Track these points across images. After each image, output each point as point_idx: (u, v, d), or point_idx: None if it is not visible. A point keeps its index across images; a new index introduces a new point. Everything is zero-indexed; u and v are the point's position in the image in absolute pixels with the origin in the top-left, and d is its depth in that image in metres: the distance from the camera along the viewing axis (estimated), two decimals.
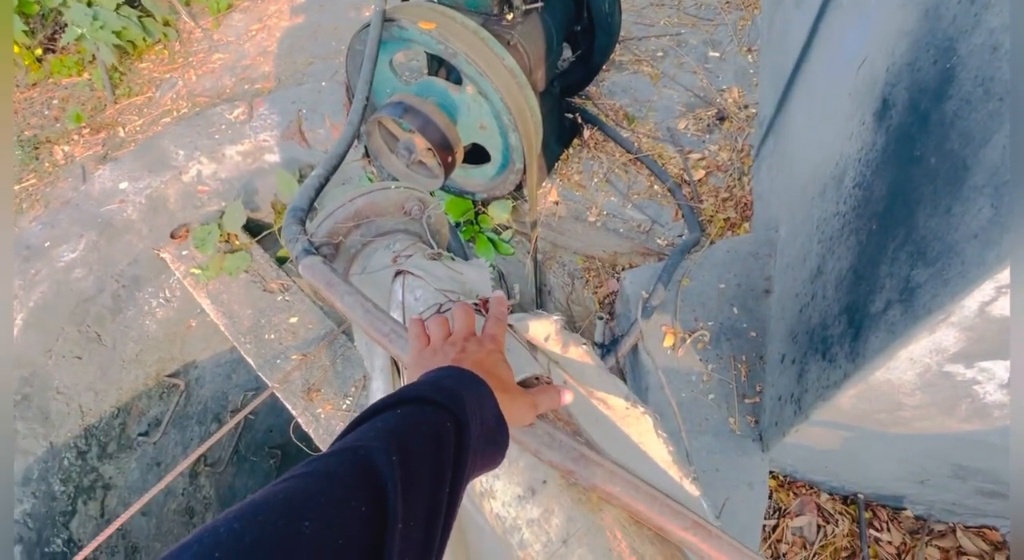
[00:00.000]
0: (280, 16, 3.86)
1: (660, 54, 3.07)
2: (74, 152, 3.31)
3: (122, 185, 2.47)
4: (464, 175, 2.45)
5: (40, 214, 2.68)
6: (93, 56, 3.61)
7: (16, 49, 3.63)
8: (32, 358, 2.16)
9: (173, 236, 2.53)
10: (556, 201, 2.58)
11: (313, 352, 2.18)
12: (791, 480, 1.63)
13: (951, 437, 1.16)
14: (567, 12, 2.30)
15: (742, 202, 2.39)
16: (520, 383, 0.87)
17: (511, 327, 1.02)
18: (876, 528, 1.57)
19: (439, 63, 2.36)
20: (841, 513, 1.58)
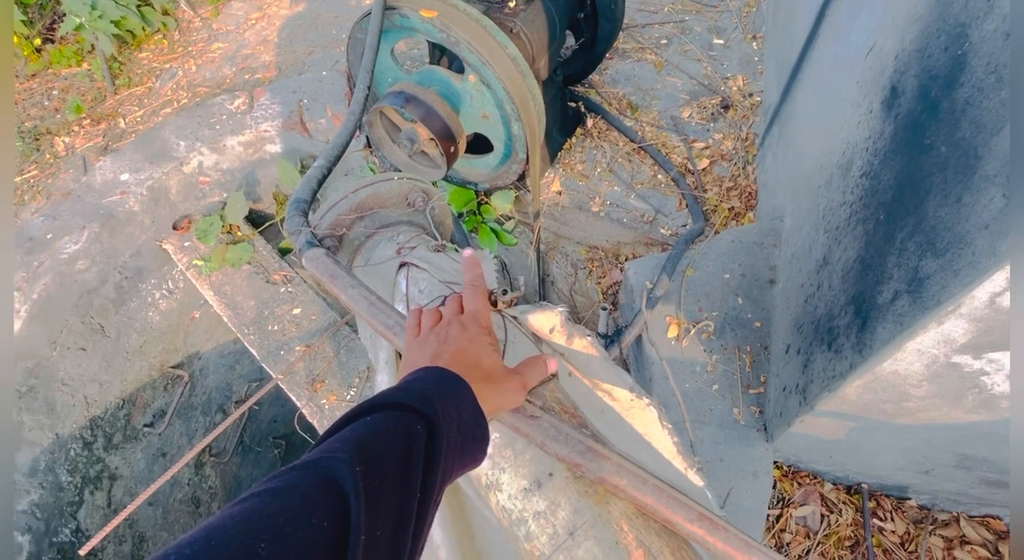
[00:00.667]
0: (280, 4, 3.82)
1: (664, 41, 3.03)
2: (75, 143, 3.30)
3: (123, 176, 2.46)
4: (466, 165, 2.44)
5: (42, 206, 2.68)
6: (92, 46, 3.58)
7: (15, 39, 3.60)
8: (37, 350, 2.17)
9: (175, 227, 2.53)
10: (559, 191, 2.56)
11: (316, 343, 2.18)
12: (795, 470, 1.64)
13: (957, 427, 1.16)
14: (570, 0, 2.27)
15: (747, 191, 2.37)
16: None
17: (516, 319, 1.02)
18: (880, 518, 1.57)
19: (441, 52, 2.33)
20: (845, 503, 1.59)
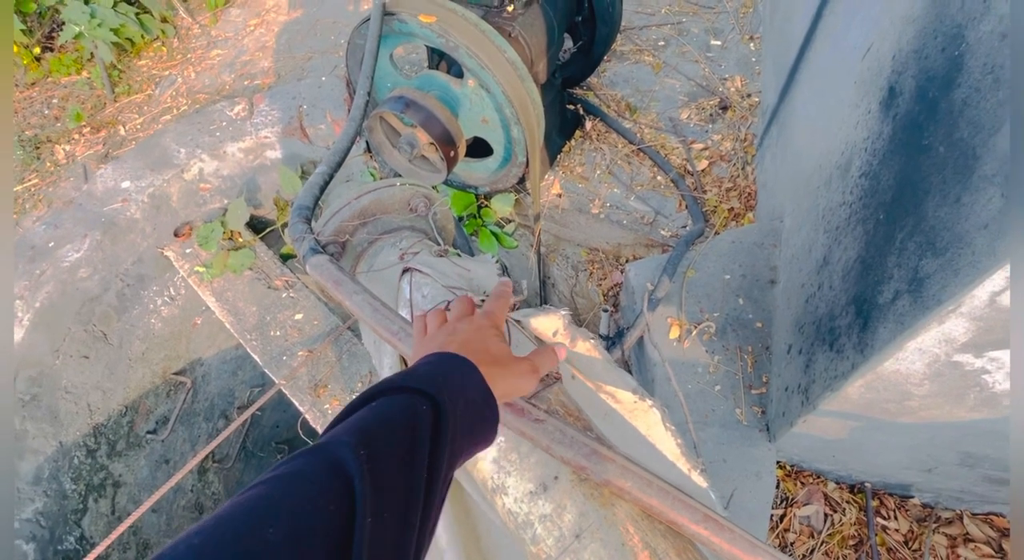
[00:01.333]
0: (278, 11, 3.83)
1: (662, 43, 3.05)
2: (75, 151, 3.30)
3: (124, 184, 2.46)
4: (467, 169, 2.45)
5: (43, 214, 2.68)
6: (91, 54, 3.59)
7: (15, 48, 3.61)
8: (40, 358, 2.17)
9: (177, 234, 2.54)
10: (559, 193, 2.57)
11: (319, 348, 2.19)
12: (798, 470, 1.64)
13: (959, 426, 1.17)
14: (568, 3, 2.28)
15: (746, 192, 2.38)
16: None
17: (518, 323, 1.02)
18: (883, 516, 1.57)
19: (440, 56, 2.34)
20: (848, 502, 1.59)
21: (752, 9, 3.17)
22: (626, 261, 2.44)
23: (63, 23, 3.51)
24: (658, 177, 2.52)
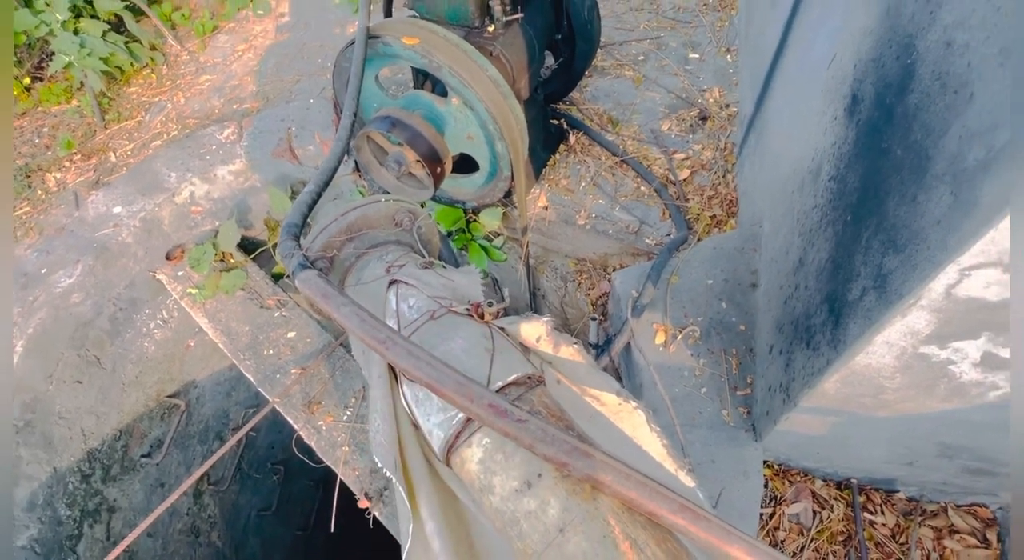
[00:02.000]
0: (265, 36, 3.90)
1: (641, 58, 3.12)
2: (66, 179, 3.33)
3: (116, 209, 2.49)
4: (454, 185, 2.49)
5: (35, 241, 2.70)
6: (81, 83, 3.64)
7: None
8: (33, 384, 2.18)
9: (168, 257, 2.56)
10: (545, 206, 2.62)
11: (312, 365, 2.21)
12: (786, 468, 1.67)
13: (933, 417, 1.20)
14: (547, 21, 2.35)
15: (727, 199, 2.44)
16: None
17: (503, 330, 1.06)
18: (870, 511, 1.60)
19: (424, 76, 2.40)
20: (836, 498, 1.62)
21: (728, 23, 3.26)
22: (613, 270, 2.48)
23: (52, 53, 3.57)
24: (642, 187, 2.57)
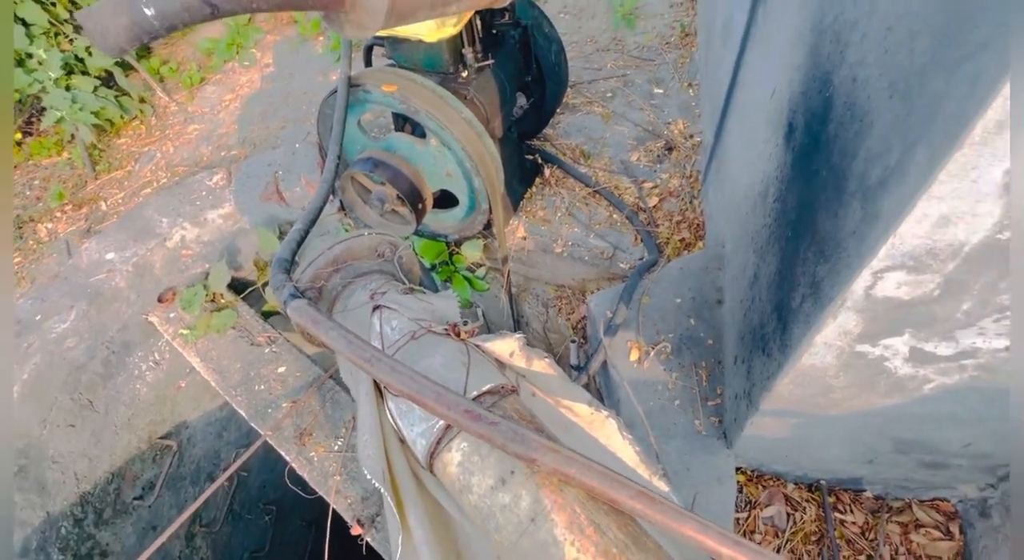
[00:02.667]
0: (251, 86, 4.07)
1: (609, 94, 3.31)
2: (57, 229, 3.41)
3: (109, 255, 2.58)
4: (435, 219, 2.61)
5: (28, 290, 2.77)
6: (72, 136, 3.76)
7: None
8: (28, 429, 2.22)
9: (160, 300, 2.63)
10: (524, 236, 2.74)
11: (302, 399, 2.27)
12: (758, 474, 1.75)
13: (880, 412, 1.31)
14: (517, 65, 2.52)
15: (695, 223, 2.58)
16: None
17: (479, 347, 1.15)
18: (840, 511, 1.68)
19: (404, 120, 2.54)
20: (807, 500, 1.70)
21: (689, 59, 3.47)
22: (591, 294, 2.59)
23: (43, 109, 3.69)
24: (614, 215, 2.71)
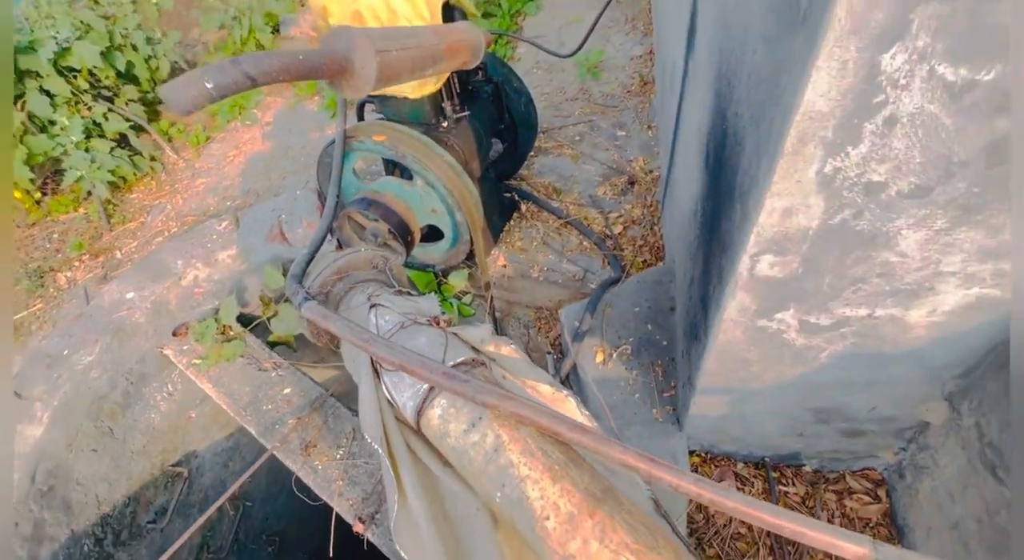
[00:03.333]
0: (254, 142, 4.44)
1: (577, 138, 3.69)
2: (76, 276, 3.69)
3: (129, 295, 2.85)
4: (424, 252, 2.91)
5: (52, 331, 3.02)
6: (88, 192, 4.08)
7: (18, 194, 4.09)
8: (56, 452, 2.42)
9: (175, 334, 2.88)
10: (504, 264, 3.04)
11: (307, 415, 2.50)
12: (711, 455, 1.99)
13: (793, 383, 1.57)
14: (490, 115, 2.89)
15: (655, 246, 2.89)
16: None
17: (455, 334, 1.42)
18: (784, 484, 1.91)
19: (394, 165, 2.88)
20: (755, 476, 1.93)
21: (648, 104, 3.88)
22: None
23: (60, 170, 4.04)
24: (584, 243, 3.02)
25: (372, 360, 1.36)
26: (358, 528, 2.14)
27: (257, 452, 3.47)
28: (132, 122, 4.27)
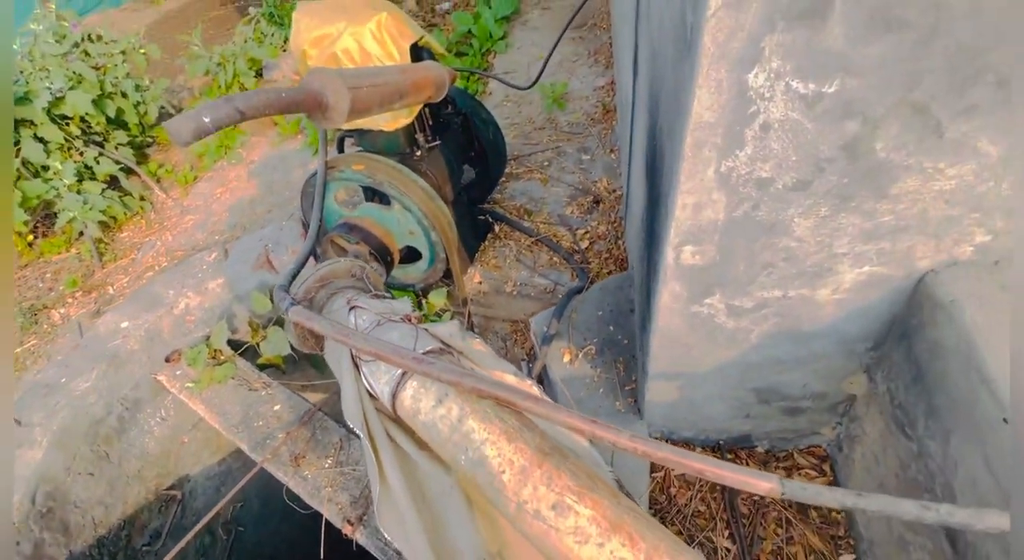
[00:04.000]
0: (239, 180, 4.65)
1: (546, 163, 3.94)
2: (69, 313, 3.82)
3: (123, 324, 2.99)
4: (403, 272, 3.10)
5: (51, 362, 3.14)
6: (80, 233, 4.24)
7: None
8: (55, 475, 2.52)
9: (168, 360, 3.02)
10: (480, 281, 3.23)
11: (296, 429, 2.63)
12: (671, 442, 2.15)
13: (730, 364, 1.76)
14: (460, 144, 3.13)
15: (619, 258, 3.10)
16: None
17: (426, 330, 1.60)
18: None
19: (373, 192, 3.09)
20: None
21: (611, 130, 4.16)
22: None
23: (53, 213, 4.20)
24: (554, 258, 3.23)
25: (352, 355, 1.53)
26: (347, 530, 2.26)
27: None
28: (122, 165, 4.46)
